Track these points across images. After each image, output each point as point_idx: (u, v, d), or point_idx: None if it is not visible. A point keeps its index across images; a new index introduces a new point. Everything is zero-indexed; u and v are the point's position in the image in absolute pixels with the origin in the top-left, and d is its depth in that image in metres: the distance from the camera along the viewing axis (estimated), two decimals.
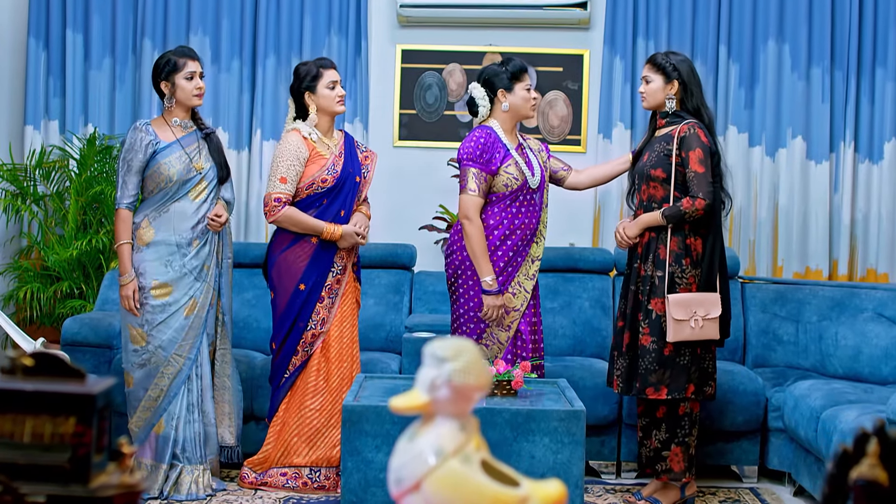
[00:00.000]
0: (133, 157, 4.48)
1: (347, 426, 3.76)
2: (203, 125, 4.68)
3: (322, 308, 4.63)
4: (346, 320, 4.68)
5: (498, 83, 4.50)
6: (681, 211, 4.36)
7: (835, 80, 6.23)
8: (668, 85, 4.49)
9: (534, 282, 4.55)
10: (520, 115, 4.54)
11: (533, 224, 4.52)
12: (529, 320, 4.54)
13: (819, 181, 6.23)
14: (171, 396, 4.52)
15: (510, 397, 4.02)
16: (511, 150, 4.48)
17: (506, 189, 4.45)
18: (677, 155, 4.41)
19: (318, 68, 4.64)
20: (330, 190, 4.62)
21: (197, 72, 4.55)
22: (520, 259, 4.50)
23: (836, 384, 4.85)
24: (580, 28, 6.47)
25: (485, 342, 4.48)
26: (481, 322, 4.46)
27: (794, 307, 5.58)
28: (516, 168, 4.45)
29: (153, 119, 4.65)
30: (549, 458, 3.73)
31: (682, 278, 4.39)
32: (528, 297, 4.52)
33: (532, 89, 4.55)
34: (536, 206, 4.54)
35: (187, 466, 4.53)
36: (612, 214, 6.31)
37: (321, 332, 4.63)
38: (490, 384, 1.93)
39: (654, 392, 4.38)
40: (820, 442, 4.35)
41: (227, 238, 4.72)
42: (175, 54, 4.55)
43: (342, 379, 4.64)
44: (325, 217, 4.61)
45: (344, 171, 4.65)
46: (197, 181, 4.56)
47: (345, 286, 4.69)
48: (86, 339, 5.11)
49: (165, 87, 4.55)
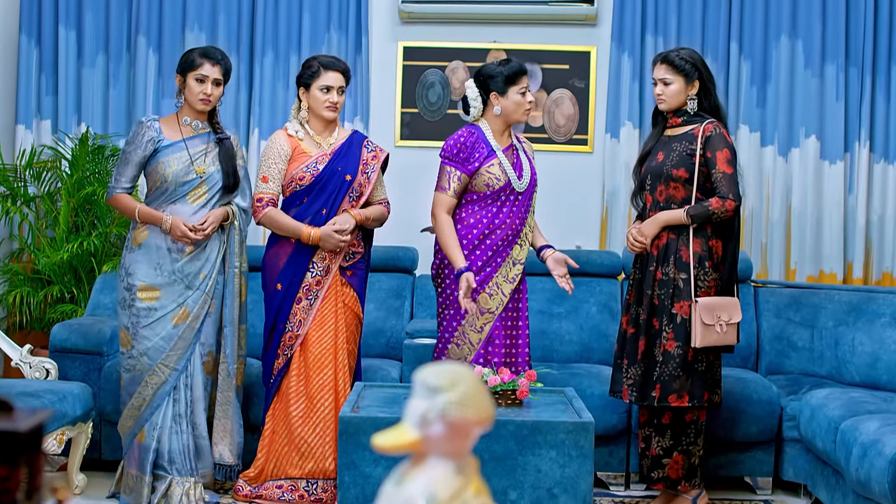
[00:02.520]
0: (132, 150, 4.38)
1: (344, 438, 3.62)
2: (219, 129, 4.53)
3: (299, 309, 4.49)
4: (328, 324, 4.51)
5: (492, 85, 4.38)
6: (709, 211, 4.23)
7: (849, 77, 6.10)
8: (689, 86, 4.36)
9: (514, 285, 4.41)
10: (511, 119, 4.43)
11: (515, 225, 4.40)
12: (506, 324, 4.40)
13: (833, 182, 6.10)
14: (153, 407, 4.38)
15: (515, 408, 3.87)
16: (497, 150, 4.37)
17: (487, 189, 4.36)
18: (701, 155, 4.27)
19: (319, 67, 4.51)
20: (309, 188, 4.49)
21: (210, 77, 4.38)
22: (499, 260, 4.39)
23: (854, 393, 4.70)
24: (587, 24, 6.34)
25: (456, 342, 4.37)
26: (461, 318, 4.35)
27: (809, 312, 5.44)
28: (499, 169, 4.35)
29: (165, 116, 4.54)
30: (556, 473, 3.60)
31: (704, 281, 4.27)
32: (506, 301, 4.38)
33: (529, 92, 4.41)
34: (521, 208, 4.42)
35: (177, 478, 4.38)
36: (620, 216, 6.18)
37: (298, 333, 4.49)
38: (492, 418, 1.68)
39: (676, 399, 4.25)
40: (839, 454, 4.20)
41: (235, 246, 4.54)
42: (198, 52, 4.43)
43: (322, 385, 4.45)
44: (306, 215, 4.48)
45: (327, 170, 4.50)
46: (196, 185, 4.41)
47: (327, 288, 4.52)
48: (75, 346, 4.96)
49: (178, 82, 4.44)
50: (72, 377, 4.91)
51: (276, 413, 4.51)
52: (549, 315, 5.54)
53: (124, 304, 4.40)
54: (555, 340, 5.48)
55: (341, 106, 4.56)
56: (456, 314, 4.38)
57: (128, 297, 4.37)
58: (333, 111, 4.53)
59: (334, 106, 4.51)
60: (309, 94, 4.52)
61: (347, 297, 4.57)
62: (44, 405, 4.22)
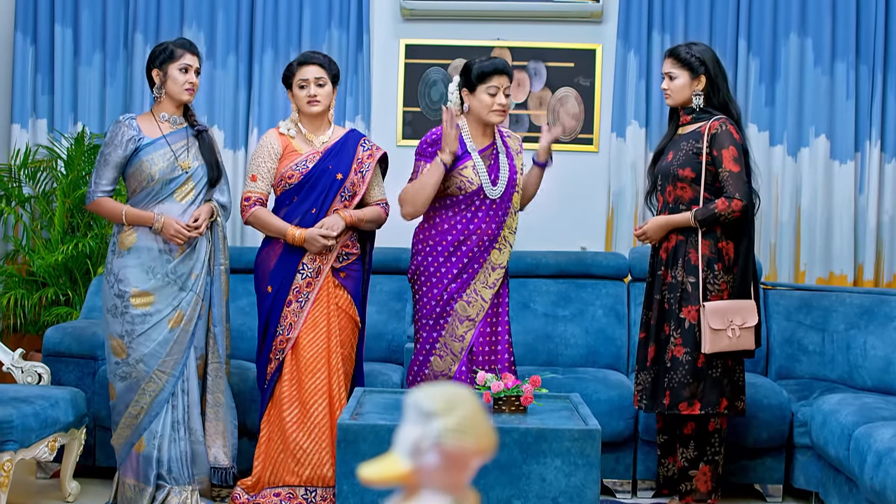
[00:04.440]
0: (111, 151, 4.26)
1: (343, 446, 3.53)
2: (195, 122, 4.44)
3: (290, 312, 4.38)
4: (319, 326, 4.39)
5: (464, 81, 4.31)
6: (715, 213, 4.13)
7: (860, 75, 6.01)
8: (694, 80, 4.26)
9: (494, 290, 4.32)
10: (480, 119, 4.33)
11: (492, 230, 4.32)
12: (484, 331, 4.30)
13: (843, 182, 6.00)
14: (152, 415, 4.27)
15: (519, 414, 3.77)
16: (472, 152, 4.29)
17: (459, 192, 4.28)
18: (708, 153, 4.16)
19: (296, 65, 4.46)
20: (299, 187, 4.41)
21: (193, 66, 4.33)
22: (476, 266, 4.30)
23: (868, 398, 4.59)
24: (592, 21, 6.25)
25: (438, 353, 4.28)
26: (433, 331, 4.28)
27: (820, 315, 5.33)
28: (473, 172, 4.27)
29: (141, 114, 4.43)
30: (562, 482, 3.51)
31: (714, 285, 4.17)
32: (486, 307, 4.29)
33: (501, 93, 4.28)
34: (497, 213, 4.33)
35: (175, 488, 4.28)
36: (627, 217, 6.08)
37: (289, 337, 4.38)
38: (494, 447, 1.50)
39: (687, 407, 4.16)
40: (852, 462, 4.09)
41: (219, 243, 4.45)
42: (174, 44, 4.36)
43: (315, 390, 4.34)
44: (295, 215, 4.39)
45: (317, 168, 4.41)
46: (182, 181, 4.31)
47: (318, 290, 4.41)
48: (69, 350, 4.86)
49: (157, 76, 4.33)
50: (65, 382, 4.81)
51: (270, 419, 4.40)
52: (553, 318, 5.44)
53: (116, 311, 4.26)
54: (559, 344, 5.38)
55: (326, 99, 4.45)
56: (435, 324, 4.29)
57: (120, 304, 4.25)
58: (315, 105, 4.43)
59: (314, 99, 4.42)
60: (291, 93, 4.47)
61: (341, 299, 4.46)
62: (35, 411, 4.12)
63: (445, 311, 4.27)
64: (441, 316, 4.27)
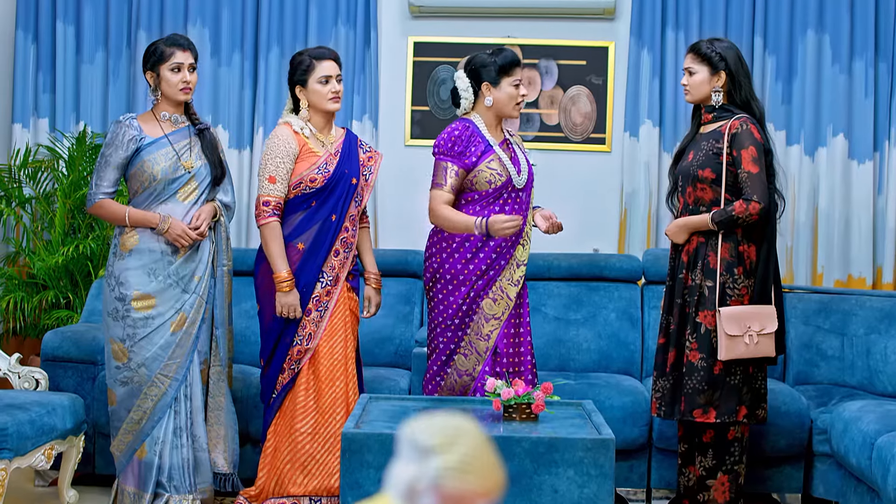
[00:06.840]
0: (112, 152, 4.16)
1: (347, 456, 3.40)
2: (197, 120, 4.34)
3: (309, 322, 4.23)
4: (338, 335, 4.27)
5: (484, 75, 4.19)
6: (732, 215, 4.01)
7: (879, 73, 5.92)
8: (714, 76, 4.14)
9: (518, 288, 4.22)
10: (502, 113, 4.23)
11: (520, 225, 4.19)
12: (508, 332, 4.20)
13: (862, 182, 5.91)
14: (154, 420, 4.16)
15: (530, 423, 3.65)
16: (494, 146, 4.19)
17: (489, 186, 4.15)
18: (728, 154, 4.04)
19: (311, 59, 4.26)
20: (320, 191, 4.24)
21: (185, 63, 4.20)
22: (503, 262, 4.19)
23: (890, 406, 4.46)
24: (605, 18, 6.16)
25: (463, 352, 4.17)
26: (458, 331, 4.17)
27: (839, 319, 5.21)
28: (499, 164, 4.16)
29: (141, 113, 4.33)
30: (574, 493, 3.39)
31: (734, 289, 4.04)
32: (511, 305, 4.19)
33: (522, 85, 4.22)
34: (523, 206, 4.23)
35: (175, 496, 4.18)
36: (640, 218, 5.99)
37: (308, 347, 4.24)
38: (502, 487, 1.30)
39: (701, 414, 4.05)
40: (875, 471, 3.97)
41: (222, 244, 4.34)
42: (163, 42, 4.24)
43: (334, 399, 4.23)
44: (313, 221, 4.24)
45: (337, 172, 4.26)
46: (185, 181, 4.20)
47: (336, 298, 4.29)
48: (68, 354, 4.77)
49: (151, 78, 4.24)
50: (64, 387, 4.71)
51: (278, 429, 4.27)
52: (565, 322, 5.32)
53: (117, 315, 4.17)
54: (571, 349, 5.27)
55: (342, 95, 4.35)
56: (461, 324, 4.18)
57: (121, 307, 4.15)
58: (338, 101, 4.30)
59: (337, 96, 4.29)
60: (307, 90, 4.27)
61: (352, 302, 4.37)
62: (31, 418, 4.01)
63: (471, 310, 4.17)
64: (467, 314, 4.17)
